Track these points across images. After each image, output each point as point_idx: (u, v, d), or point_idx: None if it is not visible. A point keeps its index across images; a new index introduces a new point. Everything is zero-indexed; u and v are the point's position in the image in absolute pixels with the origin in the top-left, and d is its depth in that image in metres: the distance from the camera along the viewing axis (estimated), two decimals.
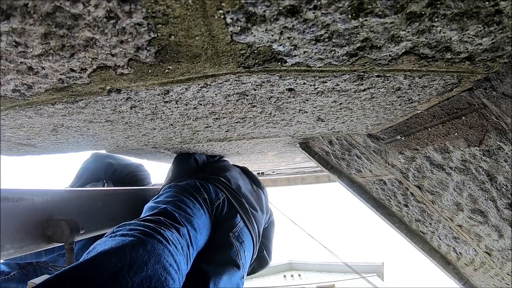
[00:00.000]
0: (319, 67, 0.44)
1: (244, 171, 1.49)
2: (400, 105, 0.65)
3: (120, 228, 0.71)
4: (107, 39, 0.34)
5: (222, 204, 1.12)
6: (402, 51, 0.40)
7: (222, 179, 1.23)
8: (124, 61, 0.39)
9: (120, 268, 0.55)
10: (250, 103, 0.60)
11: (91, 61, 0.39)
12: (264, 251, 1.35)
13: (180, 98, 0.54)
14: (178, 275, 0.66)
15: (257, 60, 0.41)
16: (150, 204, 0.93)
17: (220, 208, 1.10)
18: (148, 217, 0.79)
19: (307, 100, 0.60)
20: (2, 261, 1.15)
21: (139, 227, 0.70)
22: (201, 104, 0.59)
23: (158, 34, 0.34)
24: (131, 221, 0.75)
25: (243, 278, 0.99)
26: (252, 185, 1.43)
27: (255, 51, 0.39)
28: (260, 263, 1.34)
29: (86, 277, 0.51)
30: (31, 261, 1.17)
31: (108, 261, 0.56)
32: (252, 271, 1.32)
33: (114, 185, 1.66)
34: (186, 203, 0.94)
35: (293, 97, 0.57)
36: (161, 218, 0.79)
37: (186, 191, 1.03)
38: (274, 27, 0.34)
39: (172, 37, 0.35)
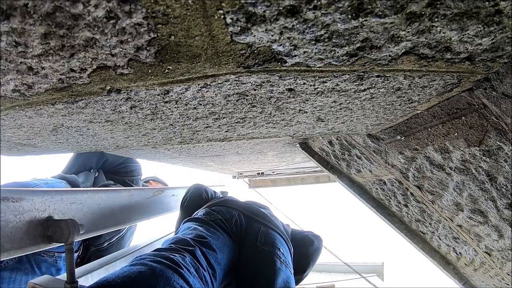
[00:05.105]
0: (319, 67, 0.44)
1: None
2: (400, 105, 0.65)
3: (132, 260, 0.74)
4: (107, 39, 0.34)
5: (239, 219, 1.14)
6: (402, 51, 0.40)
7: (229, 200, 1.30)
8: (124, 61, 0.39)
9: None
10: (250, 103, 0.60)
11: (91, 61, 0.39)
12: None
13: (180, 98, 0.54)
14: None
15: (257, 60, 0.41)
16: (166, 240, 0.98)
17: (239, 224, 1.13)
18: (161, 247, 0.84)
19: (307, 100, 0.60)
20: None
21: (149, 256, 0.74)
22: (201, 104, 0.59)
23: (158, 34, 0.34)
24: (145, 253, 0.80)
25: (291, 274, 1.02)
26: (255, 205, 1.47)
27: (255, 51, 0.39)
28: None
29: None
30: None
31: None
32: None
33: (105, 175, 1.68)
34: (199, 229, 0.99)
35: (293, 97, 0.57)
36: (173, 245, 0.83)
37: (198, 220, 1.08)
38: (274, 27, 0.34)
39: (172, 37, 0.35)
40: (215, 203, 1.25)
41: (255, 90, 0.53)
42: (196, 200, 1.41)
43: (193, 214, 1.21)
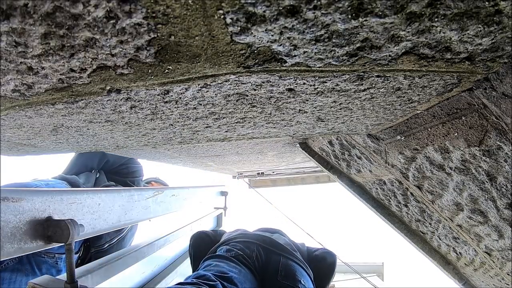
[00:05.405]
0: (319, 67, 0.44)
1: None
2: (400, 105, 0.65)
3: None
4: (107, 39, 0.34)
5: (258, 253, 1.14)
6: (402, 51, 0.40)
7: (244, 234, 1.30)
8: (124, 61, 0.39)
9: None
10: (250, 103, 0.60)
11: (91, 61, 0.39)
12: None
13: (180, 98, 0.54)
14: None
15: (257, 60, 0.41)
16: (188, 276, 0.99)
17: (259, 259, 1.12)
18: (182, 281, 0.85)
19: (307, 100, 0.60)
20: None
21: None
22: (201, 104, 0.59)
23: (158, 34, 0.34)
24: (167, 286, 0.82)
25: None
26: (268, 232, 1.46)
27: (255, 51, 0.39)
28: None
29: None
30: None
31: None
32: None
33: (107, 175, 1.68)
34: (220, 265, 1.00)
35: (293, 97, 0.57)
36: (194, 280, 0.84)
37: (220, 256, 1.09)
38: (274, 27, 0.34)
39: (172, 37, 0.35)
40: (231, 239, 1.25)
41: (255, 90, 0.53)
42: (203, 241, 1.42)
43: (210, 252, 1.22)
